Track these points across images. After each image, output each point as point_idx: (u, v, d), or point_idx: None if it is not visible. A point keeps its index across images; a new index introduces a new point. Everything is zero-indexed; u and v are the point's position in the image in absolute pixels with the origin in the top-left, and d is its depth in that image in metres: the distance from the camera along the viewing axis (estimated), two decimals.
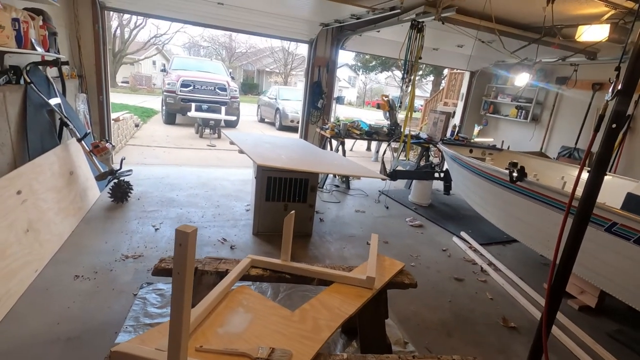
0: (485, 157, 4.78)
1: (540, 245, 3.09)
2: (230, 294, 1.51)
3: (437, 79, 18.08)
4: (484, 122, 7.41)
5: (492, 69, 6.89)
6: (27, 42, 2.85)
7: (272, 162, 3.18)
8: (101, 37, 4.79)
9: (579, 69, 5.42)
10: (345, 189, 5.51)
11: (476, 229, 4.32)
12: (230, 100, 10.07)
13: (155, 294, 2.45)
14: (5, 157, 2.81)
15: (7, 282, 2.16)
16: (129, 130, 7.64)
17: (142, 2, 4.79)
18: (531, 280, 3.20)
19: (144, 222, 3.52)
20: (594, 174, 1.73)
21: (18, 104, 3.03)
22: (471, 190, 4.09)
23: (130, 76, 23.15)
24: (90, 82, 4.87)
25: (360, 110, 25.24)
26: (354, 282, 1.69)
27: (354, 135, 5.55)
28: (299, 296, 2.59)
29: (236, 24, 5.36)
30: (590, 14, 3.54)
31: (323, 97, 6.13)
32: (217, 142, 8.45)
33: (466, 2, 3.62)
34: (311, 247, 3.46)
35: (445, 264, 3.43)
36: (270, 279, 1.73)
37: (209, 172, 5.59)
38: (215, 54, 28.82)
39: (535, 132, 6.43)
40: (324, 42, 5.89)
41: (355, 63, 23.14)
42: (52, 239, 2.78)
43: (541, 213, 2.92)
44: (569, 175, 3.97)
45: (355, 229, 4.03)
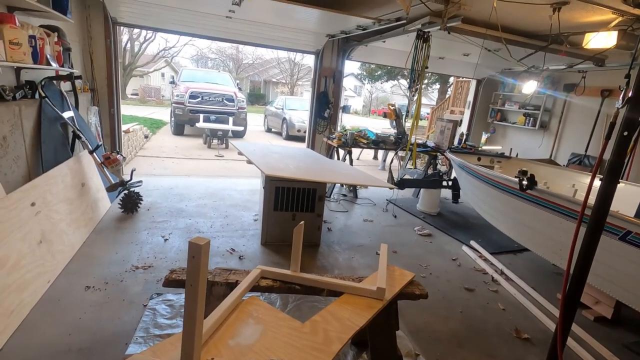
0: (494, 165, 4.75)
1: (552, 254, 3.04)
2: (241, 305, 1.51)
3: (443, 87, 18.09)
4: (492, 130, 7.38)
5: (499, 76, 6.88)
6: (42, 58, 2.94)
7: (280, 172, 3.20)
8: (113, 52, 4.92)
9: (587, 76, 5.39)
10: (352, 198, 5.50)
11: (486, 237, 4.27)
12: (238, 110, 10.20)
13: (165, 304, 2.46)
14: (20, 169, 2.87)
15: (20, 293, 2.19)
16: (139, 141, 7.77)
17: (152, 17, 4.91)
18: (544, 290, 3.14)
19: (154, 233, 3.55)
20: (607, 182, 1.71)
21: (33, 117, 3.11)
22: (480, 198, 4.05)
23: (140, 88, 23.62)
24: (102, 95, 4.98)
25: (366, 119, 25.33)
26: (364, 293, 1.67)
27: (361, 144, 5.57)
28: (308, 307, 2.58)
29: (244, 36, 5.46)
30: (598, 21, 3.53)
31: (330, 107, 6.17)
32: (224, 152, 8.53)
33: (472, 11, 3.64)
34: (319, 257, 3.45)
35: (455, 274, 3.38)
36: (280, 289, 1.73)
37: (217, 182, 5.64)
38: (222, 65, 29.28)
39: (544, 139, 6.37)
40: (330, 52, 5.96)
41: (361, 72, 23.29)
42: (64, 249, 2.82)
43: (552, 221, 2.88)
44: (580, 183, 3.92)
45: (364, 238, 4.01)
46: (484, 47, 4.23)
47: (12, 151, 2.78)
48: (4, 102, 2.72)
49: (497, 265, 3.59)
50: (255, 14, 4.54)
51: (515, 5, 3.27)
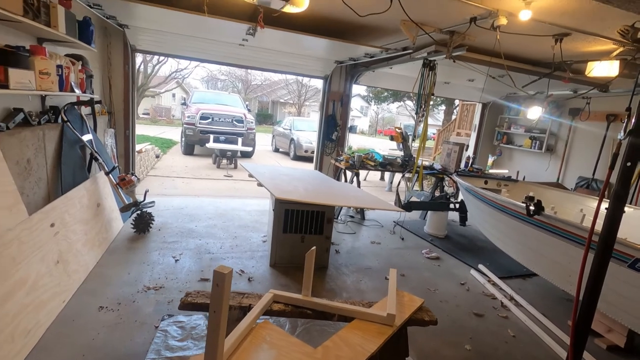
0: (501, 188, 4.78)
1: (562, 280, 3.03)
2: (254, 329, 1.55)
3: (449, 108, 18.30)
4: (498, 153, 7.43)
5: (505, 100, 6.99)
6: (67, 85, 3.10)
7: (290, 195, 3.28)
8: (130, 77, 5.14)
9: (591, 101, 5.46)
10: (360, 220, 5.53)
11: (494, 261, 4.25)
12: (247, 131, 10.42)
13: (176, 326, 2.49)
14: (41, 191, 2.99)
15: (37, 314, 2.25)
16: (150, 161, 7.95)
17: (169, 44, 5.15)
18: (554, 317, 3.10)
19: (165, 253, 3.61)
20: (612, 211, 1.75)
21: (55, 141, 3.25)
22: (488, 222, 4.07)
23: (151, 108, 24.23)
24: (118, 117, 5.17)
25: (372, 139, 25.54)
26: (374, 319, 1.70)
27: (368, 166, 5.65)
28: (317, 330, 2.59)
29: (256, 62, 5.68)
30: (600, 50, 3.64)
31: (337, 130, 6.30)
32: (233, 172, 8.67)
33: (476, 41, 3.78)
34: (328, 279, 3.46)
35: (464, 299, 3.37)
36: (292, 314, 1.77)
37: (226, 202, 5.73)
38: (232, 86, 30.00)
39: (551, 163, 6.40)
40: (338, 77, 6.14)
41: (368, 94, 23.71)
42: (79, 269, 2.89)
43: (561, 247, 2.89)
44: (588, 207, 3.93)
45: (371, 261, 4.02)
46: (489, 74, 4.34)
47: (35, 173, 2.90)
48: (29, 127, 2.86)
49: (506, 290, 3.57)
50: (267, 42, 4.75)
51: (519, 36, 3.40)
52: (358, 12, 2.98)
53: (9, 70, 2.19)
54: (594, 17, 2.76)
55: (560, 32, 3.21)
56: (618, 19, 2.71)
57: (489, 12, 2.89)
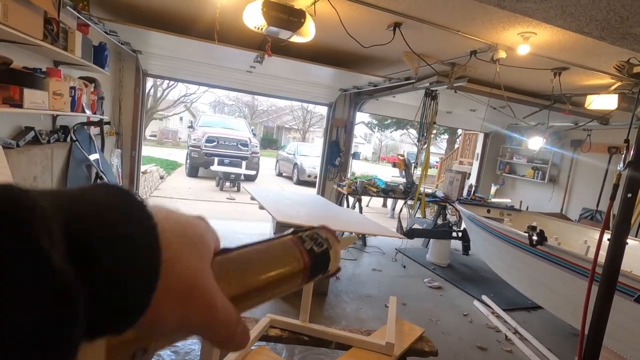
0: (504, 217, 4.75)
1: (566, 313, 2.95)
2: (250, 354, 1.52)
3: (452, 137, 18.48)
4: (501, 182, 7.43)
5: (506, 130, 7.08)
6: (79, 106, 3.20)
7: (292, 219, 3.28)
8: (140, 100, 5.29)
9: (592, 133, 5.51)
10: (361, 246, 5.48)
11: (498, 292, 4.16)
12: (251, 155, 10.55)
13: (170, 351, 2.43)
14: None
15: None
16: (154, 182, 8.02)
17: (179, 70, 5.33)
18: (561, 353, 2.99)
19: None
20: (614, 244, 1.73)
21: (63, 159, 3.32)
22: (490, 252, 4.02)
23: (158, 130, 24.70)
24: (126, 138, 5.27)
25: (375, 166, 25.69)
26: (372, 348, 1.66)
27: (370, 192, 5.66)
28: (314, 359, 2.51)
29: (262, 88, 5.84)
30: (598, 84, 3.72)
31: (340, 155, 6.37)
32: (236, 195, 8.70)
33: (477, 73, 3.89)
34: (327, 306, 3.40)
35: (466, 331, 3.27)
36: (289, 340, 1.73)
37: (228, 225, 5.71)
38: (238, 111, 30.66)
39: (554, 193, 6.38)
40: (342, 105, 6.28)
41: (371, 121, 24.09)
42: None
43: (565, 279, 2.83)
44: (592, 239, 3.87)
45: (372, 288, 3.95)
46: (490, 105, 4.43)
47: None
48: (39, 145, 2.92)
49: (510, 323, 3.47)
50: (274, 70, 4.91)
51: (518, 68, 3.50)
52: (362, 44, 3.10)
53: (25, 90, 2.27)
54: (590, 52, 2.86)
55: (559, 67, 3.31)
56: (614, 54, 2.79)
57: (488, 46, 3.00)
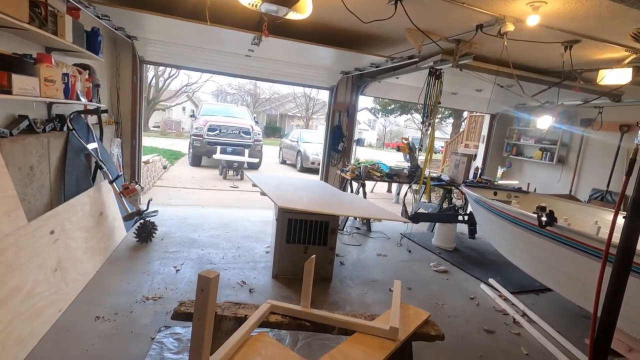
0: (511, 200, 4.64)
1: (577, 295, 2.88)
2: (249, 341, 1.47)
3: (457, 121, 18.20)
4: (508, 164, 7.29)
5: (513, 111, 6.89)
6: (73, 93, 3.12)
7: (293, 204, 3.21)
8: (138, 88, 5.20)
9: (604, 111, 5.34)
10: (366, 231, 5.42)
11: (505, 275, 4.09)
12: (254, 143, 10.46)
13: (173, 338, 2.41)
14: (43, 197, 2.97)
15: (31, 322, 2.20)
16: (157, 172, 7.98)
17: (177, 56, 5.22)
18: (570, 334, 2.93)
19: (166, 263, 3.55)
20: (631, 220, 1.64)
21: (60, 148, 3.26)
22: (497, 234, 3.93)
23: (161, 121, 24.63)
24: (125, 127, 5.21)
25: (380, 152, 25.48)
26: (376, 333, 1.61)
27: (374, 177, 5.57)
28: (318, 345, 2.48)
29: (262, 73, 5.71)
30: (611, 58, 3.55)
31: (343, 140, 6.26)
32: (239, 183, 8.66)
33: (483, 50, 3.73)
34: (331, 291, 3.36)
35: (473, 314, 3.22)
36: (289, 326, 1.68)
37: (230, 212, 5.68)
38: (241, 100, 30.44)
39: (563, 174, 6.24)
40: (344, 88, 6.14)
41: (375, 106, 23.76)
42: (77, 278, 2.84)
43: (575, 260, 2.75)
44: (603, 220, 3.77)
45: (377, 273, 3.90)
46: (497, 83, 4.28)
47: (38, 180, 2.89)
48: (34, 134, 2.87)
49: (518, 305, 3.41)
50: (273, 53, 4.78)
51: (527, 44, 3.34)
52: (362, 19, 2.96)
53: (13, 76, 2.20)
54: (605, 21, 2.69)
55: (570, 39, 3.15)
56: (631, 22, 2.63)
57: (495, 19, 2.85)
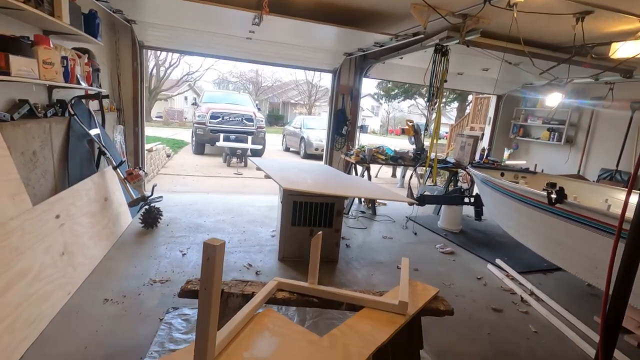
0: (518, 180, 4.57)
1: (587, 272, 2.84)
2: (256, 317, 1.46)
3: (462, 105, 17.95)
4: (514, 146, 7.18)
5: (521, 91, 6.75)
6: (73, 77, 3.08)
7: (298, 186, 3.18)
8: (139, 74, 5.14)
9: (614, 88, 5.19)
10: (371, 215, 5.40)
11: (513, 256, 4.06)
12: (257, 130, 10.38)
13: (181, 319, 2.42)
14: (47, 183, 2.97)
15: (40, 305, 2.21)
16: (161, 160, 7.98)
17: (177, 40, 5.13)
18: (579, 312, 2.91)
19: (172, 248, 3.56)
20: None
21: (62, 134, 3.24)
22: (505, 214, 3.89)
23: (164, 111, 24.55)
24: (128, 114, 5.17)
25: (384, 139, 25.29)
26: (385, 308, 1.59)
27: (379, 160, 5.51)
28: (325, 324, 2.48)
29: (264, 56, 5.61)
30: (624, 30, 3.43)
31: (347, 124, 6.18)
32: (243, 170, 8.64)
33: (491, 25, 3.62)
34: (338, 273, 3.35)
35: (481, 293, 3.21)
36: (297, 302, 1.66)
37: (235, 198, 5.67)
38: (242, 88, 30.20)
39: (571, 155, 6.13)
40: (347, 70, 6.02)
41: (378, 92, 23.45)
42: (85, 262, 2.85)
43: (586, 237, 2.70)
44: (613, 198, 3.70)
45: (383, 255, 3.89)
46: (505, 60, 4.16)
47: (41, 165, 2.88)
48: (35, 119, 2.84)
49: (526, 285, 3.39)
50: (274, 34, 4.67)
51: (536, 17, 3.23)
52: None
53: (10, 57, 2.16)
54: None
55: (582, 10, 3.03)
56: None
57: None
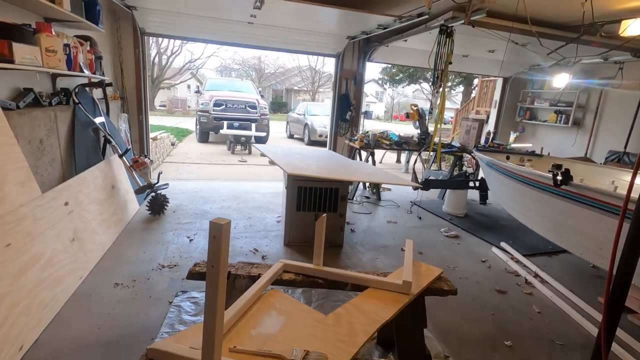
0: (524, 163, 4.54)
1: (592, 253, 2.85)
2: (263, 296, 1.49)
3: (467, 89, 17.69)
4: (521, 129, 7.10)
5: (527, 73, 6.62)
6: (76, 65, 3.08)
7: (302, 171, 3.19)
8: (141, 61, 5.12)
9: (624, 67, 5.08)
10: (375, 200, 5.41)
11: (517, 239, 4.07)
12: (260, 117, 10.35)
13: (190, 302, 2.48)
14: (55, 171, 3.01)
15: (54, 288, 2.27)
16: (166, 148, 8.01)
17: (178, 26, 5.08)
18: (583, 293, 2.93)
19: (179, 234, 3.61)
20: None
21: (67, 122, 3.26)
22: (511, 198, 3.88)
23: (167, 100, 24.51)
24: (131, 103, 5.18)
25: (388, 124, 25.11)
26: (389, 287, 1.61)
27: (383, 145, 5.49)
28: (331, 306, 2.52)
29: (266, 41, 5.55)
30: (635, 7, 3.33)
31: (351, 109, 6.14)
32: (248, 157, 8.66)
33: (497, 4, 3.53)
34: (343, 257, 3.39)
35: (485, 276, 3.23)
36: (302, 283, 1.70)
37: (240, 185, 5.71)
38: (245, 75, 29.97)
39: (578, 137, 6.05)
40: (350, 55, 5.94)
41: (382, 77, 23.15)
42: (95, 248, 2.91)
43: (591, 218, 2.70)
44: (620, 180, 3.67)
45: (388, 239, 3.92)
46: (512, 40, 4.07)
47: (48, 154, 2.92)
48: (41, 108, 2.86)
49: (530, 267, 3.40)
50: (276, 19, 4.61)
51: None
52: None
53: (14, 44, 2.16)
54: None
55: None
56: None
57: None
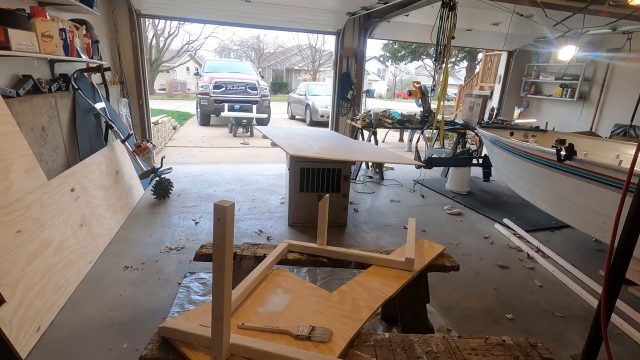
0: (528, 139, 4.51)
1: (595, 228, 2.87)
2: (269, 276, 1.53)
3: (471, 64, 17.31)
4: (525, 104, 6.99)
5: (532, 46, 6.46)
6: (73, 50, 3.05)
7: (305, 152, 3.19)
8: (138, 44, 5.04)
9: (632, 38, 4.94)
10: (378, 180, 5.42)
11: (520, 215, 4.09)
12: (261, 98, 10.25)
13: (198, 282, 2.54)
14: (59, 158, 3.03)
15: (66, 272, 2.34)
16: (168, 132, 8.00)
17: (174, 6, 4.97)
18: (585, 267, 2.97)
19: (185, 217, 3.66)
20: None
21: (68, 109, 3.26)
22: (514, 174, 3.87)
23: (167, 83, 24.25)
24: (131, 87, 5.14)
25: (391, 103, 24.78)
26: (392, 265, 1.65)
27: (385, 124, 5.45)
28: (335, 285, 2.57)
29: (264, 20, 5.43)
30: None
31: (352, 88, 6.06)
32: (250, 140, 8.64)
33: None
34: (347, 236, 3.44)
35: (487, 251, 3.27)
36: (307, 262, 1.73)
37: (243, 168, 5.73)
38: (244, 55, 29.46)
39: (584, 111, 5.96)
40: (351, 32, 5.81)
41: (384, 53, 22.66)
42: (103, 232, 2.97)
43: (595, 193, 2.70)
44: (625, 154, 3.64)
45: (391, 218, 3.95)
46: (516, 12, 3.95)
47: (51, 141, 2.93)
48: (40, 95, 2.85)
49: (532, 242, 3.44)
50: None
51: None
52: None
53: (9, 30, 2.14)
54: None
55: None
56: None
57: None
